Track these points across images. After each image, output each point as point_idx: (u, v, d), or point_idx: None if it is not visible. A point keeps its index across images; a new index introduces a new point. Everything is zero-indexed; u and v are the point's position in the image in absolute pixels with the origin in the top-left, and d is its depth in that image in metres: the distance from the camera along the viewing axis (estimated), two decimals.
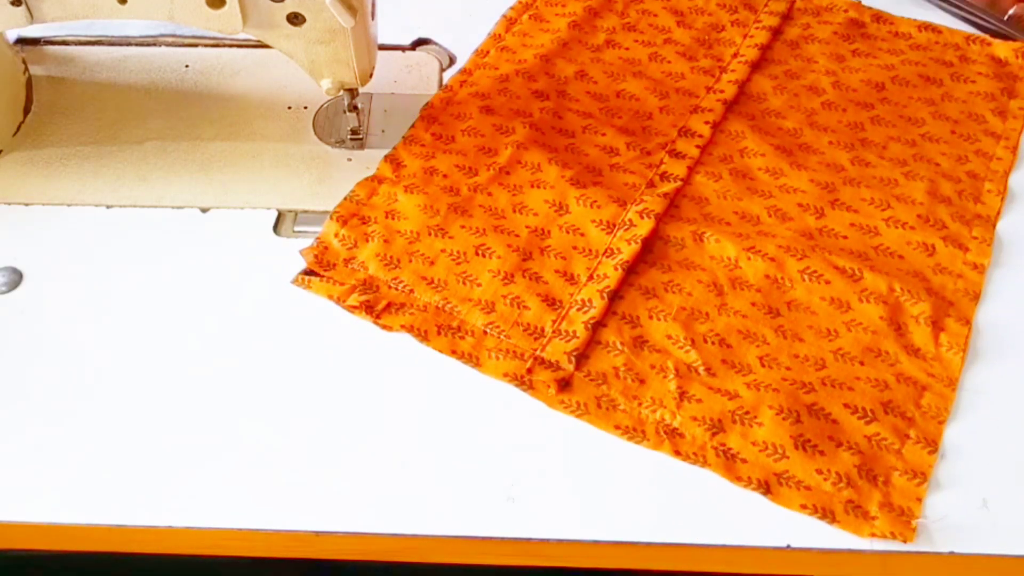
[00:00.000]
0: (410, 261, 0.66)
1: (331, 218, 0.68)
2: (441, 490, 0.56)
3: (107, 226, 0.68)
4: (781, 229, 0.69)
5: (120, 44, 0.80)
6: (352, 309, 0.63)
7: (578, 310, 0.63)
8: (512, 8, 0.85)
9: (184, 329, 0.63)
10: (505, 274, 0.65)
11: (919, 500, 0.56)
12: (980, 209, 0.70)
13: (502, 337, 0.62)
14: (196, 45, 0.80)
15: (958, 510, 0.55)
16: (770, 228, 0.69)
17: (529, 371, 0.60)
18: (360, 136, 0.74)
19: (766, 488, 0.56)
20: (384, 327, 0.63)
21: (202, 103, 0.76)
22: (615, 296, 0.64)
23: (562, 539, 0.54)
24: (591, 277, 0.65)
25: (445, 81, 0.79)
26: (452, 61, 0.80)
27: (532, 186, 0.70)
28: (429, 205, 0.68)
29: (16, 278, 0.65)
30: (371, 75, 0.69)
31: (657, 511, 0.55)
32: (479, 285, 0.64)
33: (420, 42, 0.82)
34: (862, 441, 0.58)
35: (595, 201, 0.69)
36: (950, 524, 0.55)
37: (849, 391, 0.60)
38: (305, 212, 0.69)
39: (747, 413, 0.58)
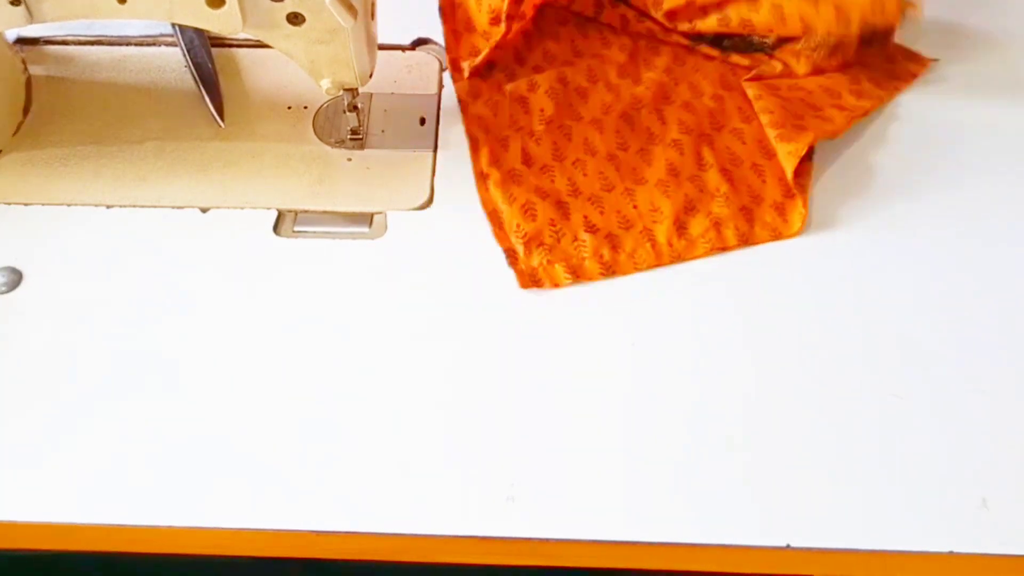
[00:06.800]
0: None
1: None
2: (441, 490, 0.56)
3: (107, 226, 0.68)
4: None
5: (120, 44, 0.80)
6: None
7: None
8: None
9: (184, 329, 0.63)
10: None
11: None
12: None
13: None
14: None
15: (958, 510, 0.55)
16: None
17: None
18: (360, 136, 0.73)
19: None
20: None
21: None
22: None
23: (562, 539, 0.54)
24: None
25: (445, 81, 0.78)
26: None
27: None
28: None
29: (16, 278, 0.65)
30: (371, 75, 0.69)
31: (657, 510, 0.55)
32: None
33: (420, 42, 0.81)
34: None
35: None
36: (950, 524, 0.55)
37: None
38: (305, 212, 0.69)
39: None
